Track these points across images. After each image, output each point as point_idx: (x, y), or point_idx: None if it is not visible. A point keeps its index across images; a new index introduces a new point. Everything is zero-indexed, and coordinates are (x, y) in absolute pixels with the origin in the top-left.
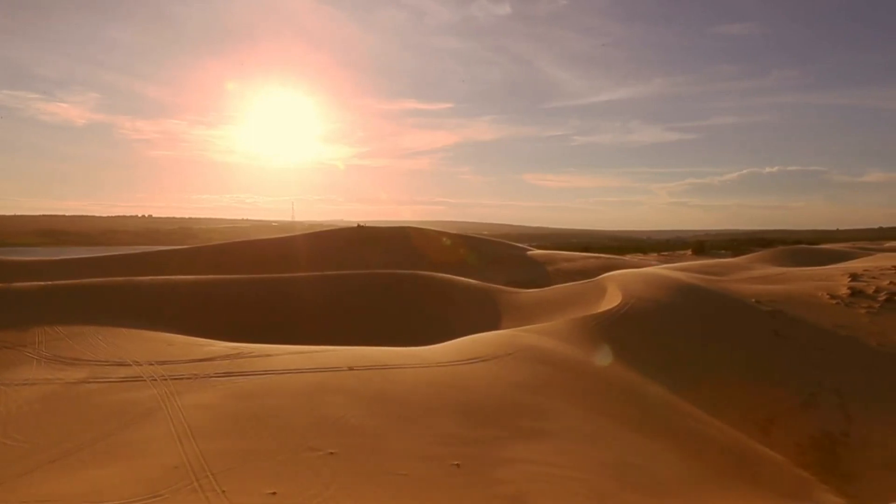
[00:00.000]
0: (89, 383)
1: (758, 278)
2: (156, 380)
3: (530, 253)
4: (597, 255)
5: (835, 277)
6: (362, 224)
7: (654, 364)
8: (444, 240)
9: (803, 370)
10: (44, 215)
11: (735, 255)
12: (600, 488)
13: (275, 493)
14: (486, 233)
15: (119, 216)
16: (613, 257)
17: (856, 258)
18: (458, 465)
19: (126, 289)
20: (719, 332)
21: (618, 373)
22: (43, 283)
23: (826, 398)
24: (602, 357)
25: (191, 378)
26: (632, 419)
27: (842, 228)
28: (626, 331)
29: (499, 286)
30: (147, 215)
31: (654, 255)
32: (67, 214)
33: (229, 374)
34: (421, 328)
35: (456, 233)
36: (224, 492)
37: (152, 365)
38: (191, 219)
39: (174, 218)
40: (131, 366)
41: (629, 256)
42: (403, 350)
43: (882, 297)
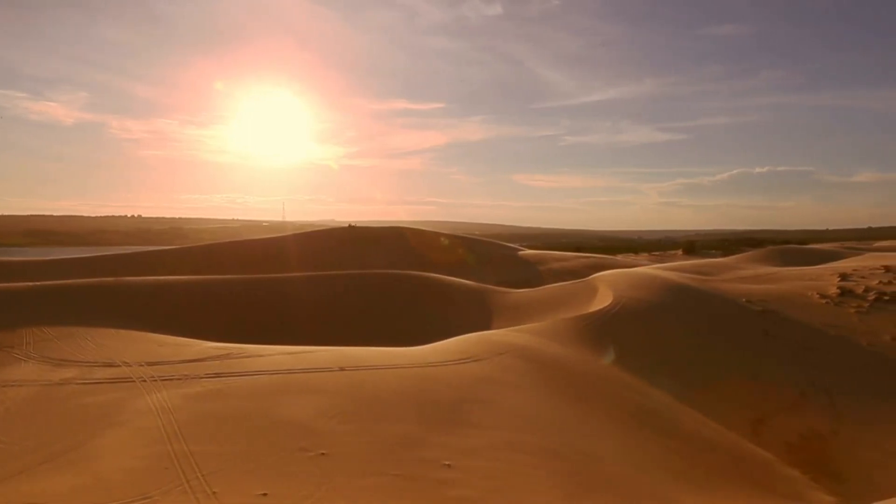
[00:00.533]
0: (78, 384)
1: (748, 278)
2: (145, 381)
3: (522, 253)
4: (588, 255)
5: (824, 277)
6: (353, 224)
7: (646, 364)
8: (441, 240)
9: (793, 369)
10: (33, 215)
11: (725, 255)
12: (579, 486)
13: (266, 494)
14: (478, 233)
15: (109, 216)
16: (604, 257)
17: (845, 258)
18: (448, 465)
19: (116, 289)
20: (710, 331)
21: (609, 373)
22: (31, 284)
23: (816, 397)
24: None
25: (181, 379)
26: (621, 419)
27: (831, 228)
28: (618, 330)
29: (490, 286)
30: (137, 215)
31: (646, 255)
32: (56, 214)
33: (219, 375)
34: (413, 328)
35: (448, 233)
36: (215, 493)
37: (142, 366)
38: (181, 219)
39: (164, 218)
40: (120, 366)
41: (620, 256)
42: (395, 350)
43: (871, 297)
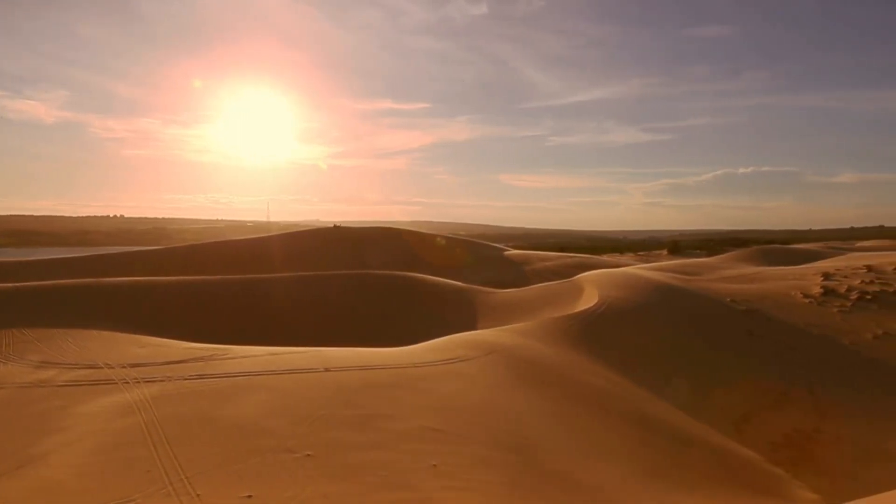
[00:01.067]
0: (58, 386)
1: (732, 278)
2: (127, 382)
3: (507, 253)
4: (573, 254)
5: (808, 277)
6: (339, 224)
7: (630, 363)
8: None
9: (777, 368)
10: (13, 215)
11: (710, 255)
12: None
13: (251, 497)
14: (463, 233)
15: (91, 216)
16: (590, 257)
17: (828, 258)
18: (435, 465)
19: (97, 290)
20: (694, 331)
21: (595, 372)
22: (11, 285)
23: (799, 396)
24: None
25: (163, 380)
26: (607, 418)
27: (814, 228)
28: (603, 330)
29: (476, 286)
30: (120, 215)
31: (631, 255)
32: (37, 214)
33: (202, 377)
34: (399, 329)
35: (432, 232)
36: (199, 496)
37: (124, 367)
38: (165, 219)
39: (148, 218)
40: (102, 368)
41: (606, 256)
42: (381, 351)
43: (854, 297)
